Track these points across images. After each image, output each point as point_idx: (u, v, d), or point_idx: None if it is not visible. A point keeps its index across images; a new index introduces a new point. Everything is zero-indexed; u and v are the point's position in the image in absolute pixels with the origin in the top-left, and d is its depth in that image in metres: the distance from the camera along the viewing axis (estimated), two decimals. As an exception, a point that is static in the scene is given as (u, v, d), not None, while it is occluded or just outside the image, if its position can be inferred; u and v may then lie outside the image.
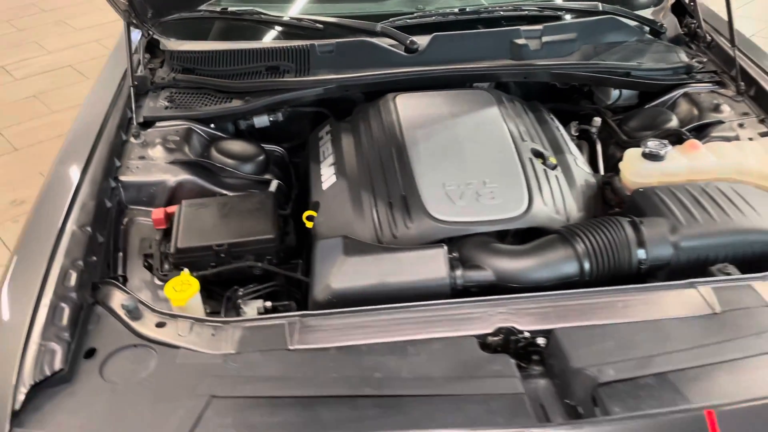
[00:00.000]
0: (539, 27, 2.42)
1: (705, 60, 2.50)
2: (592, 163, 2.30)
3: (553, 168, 2.01)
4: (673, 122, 2.25)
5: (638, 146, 2.04)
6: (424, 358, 1.46)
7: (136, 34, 2.53)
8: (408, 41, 2.36)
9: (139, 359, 1.49)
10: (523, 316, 1.53)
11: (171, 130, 2.19)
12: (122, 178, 2.00)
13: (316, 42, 2.36)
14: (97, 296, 1.63)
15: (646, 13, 2.64)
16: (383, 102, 2.25)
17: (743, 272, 1.65)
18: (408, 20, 2.43)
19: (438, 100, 2.25)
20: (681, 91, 2.37)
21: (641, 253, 1.71)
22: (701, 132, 2.18)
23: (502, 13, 2.49)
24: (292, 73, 2.34)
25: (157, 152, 2.10)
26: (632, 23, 2.55)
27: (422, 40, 2.37)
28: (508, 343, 1.49)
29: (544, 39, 2.40)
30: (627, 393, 1.36)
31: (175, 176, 2.02)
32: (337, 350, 1.48)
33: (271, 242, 1.81)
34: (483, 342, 1.48)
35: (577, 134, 2.43)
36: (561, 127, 2.31)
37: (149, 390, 1.41)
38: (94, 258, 1.70)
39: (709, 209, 1.77)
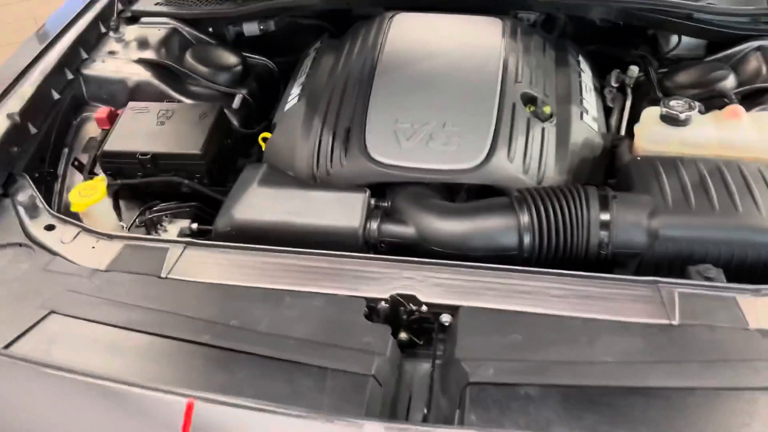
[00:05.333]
0: None
1: None
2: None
3: (546, 119, 1.66)
4: (729, 81, 1.78)
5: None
6: (295, 312, 1.27)
7: None
8: None
9: (17, 258, 1.42)
10: (430, 286, 1.28)
11: (154, 29, 2.06)
12: (84, 71, 1.91)
13: None
14: (8, 188, 1.57)
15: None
16: (379, 20, 1.97)
17: (731, 280, 1.27)
18: None
19: (440, 23, 1.94)
20: (755, 43, 1.86)
21: (603, 236, 1.38)
22: (756, 98, 1.71)
23: None
24: None
25: (130, 49, 1.99)
26: None
27: None
28: (396, 314, 1.26)
29: None
30: (496, 401, 1.10)
31: (136, 76, 1.90)
32: (207, 287, 1.33)
33: (197, 159, 1.65)
34: (373, 307, 1.26)
35: (617, 85, 2.01)
36: (587, 74, 1.92)
37: (7, 292, 1.34)
38: (16, 148, 1.64)
39: (713, 194, 1.39)
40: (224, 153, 1.78)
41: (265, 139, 1.81)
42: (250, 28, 2.15)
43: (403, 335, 1.24)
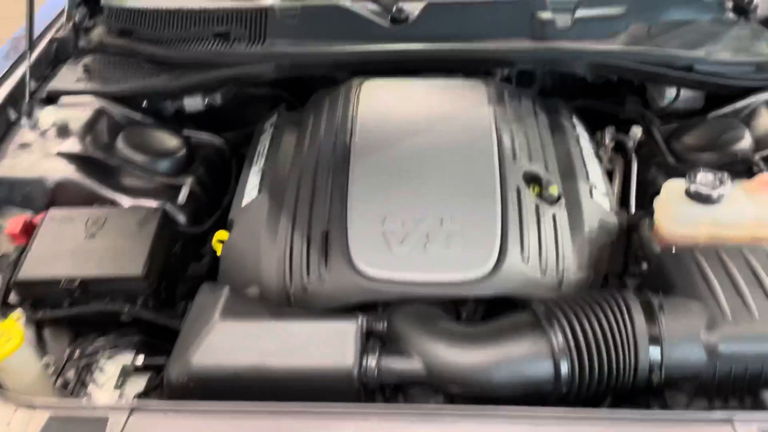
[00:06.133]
0: None
1: None
2: (626, 191, 1.68)
3: (554, 202, 1.42)
4: (745, 142, 1.59)
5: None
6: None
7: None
8: (395, 8, 1.78)
9: None
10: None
11: (77, 111, 1.73)
12: None
13: (277, 3, 1.83)
14: None
15: (733, -19, 1.94)
16: (345, 89, 1.70)
17: None
18: None
19: (416, 91, 1.69)
20: (764, 96, 1.68)
21: (655, 354, 1.13)
22: (786, 163, 1.52)
23: None
24: (244, 42, 1.82)
25: (48, 139, 1.65)
26: None
27: (414, 8, 1.79)
28: None
29: (579, 13, 1.77)
30: None
31: (56, 174, 1.56)
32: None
33: (138, 281, 1.34)
34: None
35: (612, 145, 1.80)
36: (585, 138, 1.70)
37: None
38: None
39: None
40: (171, 265, 1.46)
41: (221, 241, 1.51)
42: (193, 103, 1.84)
43: None
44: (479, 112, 1.58)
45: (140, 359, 1.32)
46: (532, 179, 1.45)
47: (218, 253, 1.49)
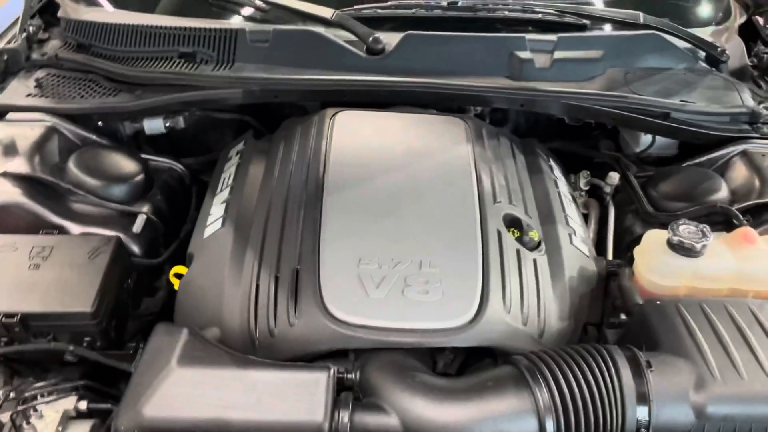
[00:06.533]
0: (552, 37, 1.77)
1: None
2: (601, 236, 1.65)
3: (534, 248, 1.37)
4: (722, 193, 1.58)
5: (666, 225, 1.38)
6: None
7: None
8: (371, 38, 1.72)
9: None
10: None
11: (26, 128, 1.61)
12: None
13: (248, 26, 1.76)
14: None
15: (704, 33, 1.95)
16: (318, 118, 1.63)
17: None
18: (379, 10, 1.80)
19: (392, 124, 1.63)
20: (739, 147, 1.68)
21: (642, 414, 1.07)
22: (763, 215, 1.51)
23: (507, 13, 1.84)
24: (211, 65, 1.73)
25: None
26: (683, 45, 1.88)
27: (392, 39, 1.74)
28: None
29: (557, 54, 1.75)
30: None
31: (1, 195, 1.43)
32: None
33: (86, 318, 1.21)
34: None
35: (586, 189, 1.77)
36: (563, 181, 1.67)
37: None
38: None
39: (759, 351, 1.12)
40: (123, 301, 1.34)
41: (178, 275, 1.40)
42: (154, 125, 1.73)
43: None
44: (458, 150, 1.53)
45: (84, 404, 1.19)
46: (512, 223, 1.40)
47: (175, 288, 1.38)
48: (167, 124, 1.74)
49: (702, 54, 1.91)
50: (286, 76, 1.68)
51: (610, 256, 1.57)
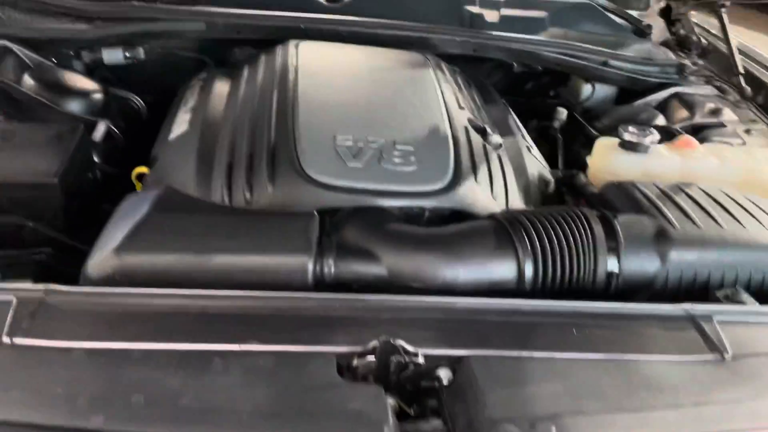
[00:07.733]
0: None
1: (700, 63, 2.01)
2: (552, 164, 1.73)
3: (497, 148, 1.43)
4: (660, 120, 1.71)
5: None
6: (233, 379, 0.83)
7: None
8: None
9: None
10: (417, 330, 0.91)
11: None
12: None
13: None
14: None
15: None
16: (282, 47, 1.66)
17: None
18: None
19: (357, 52, 1.68)
20: (672, 90, 1.84)
21: (612, 263, 1.12)
22: (697, 135, 1.63)
23: None
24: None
25: None
26: (615, 18, 2.06)
27: None
28: (386, 369, 0.87)
29: (504, 12, 1.88)
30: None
31: None
32: (86, 354, 0.84)
33: (50, 190, 1.16)
34: (346, 364, 0.86)
35: (536, 133, 1.87)
36: (514, 115, 1.76)
37: None
38: None
39: (714, 213, 1.21)
40: (86, 190, 1.30)
41: (140, 176, 1.36)
42: (113, 56, 1.71)
43: (390, 401, 0.85)
44: (421, 72, 1.59)
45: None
46: (476, 128, 1.45)
47: (137, 188, 1.34)
48: (127, 55, 1.72)
49: (631, 27, 2.10)
50: (249, 11, 1.72)
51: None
